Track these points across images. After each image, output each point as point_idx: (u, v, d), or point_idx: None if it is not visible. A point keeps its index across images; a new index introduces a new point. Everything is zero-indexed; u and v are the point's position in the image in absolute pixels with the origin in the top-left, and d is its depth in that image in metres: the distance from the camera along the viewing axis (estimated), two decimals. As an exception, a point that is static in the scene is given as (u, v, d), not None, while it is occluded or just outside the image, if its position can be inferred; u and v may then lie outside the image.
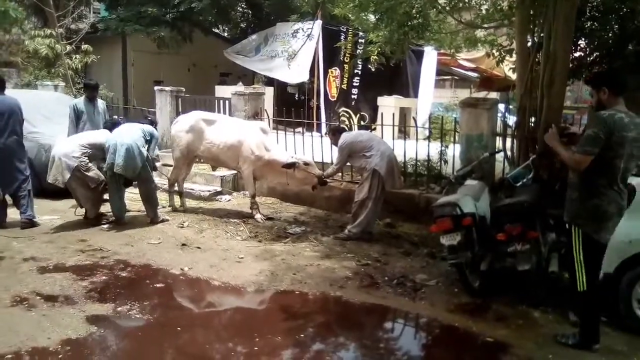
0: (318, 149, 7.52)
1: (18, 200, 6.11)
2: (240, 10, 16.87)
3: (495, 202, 4.72)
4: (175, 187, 7.13)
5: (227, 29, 17.88)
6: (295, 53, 10.25)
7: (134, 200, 7.03)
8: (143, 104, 10.55)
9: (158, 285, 4.70)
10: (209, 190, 7.86)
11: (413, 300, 4.49)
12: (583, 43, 6.43)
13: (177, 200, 7.13)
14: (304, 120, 9.53)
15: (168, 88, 9.70)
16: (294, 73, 11.82)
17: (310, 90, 13.02)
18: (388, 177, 5.88)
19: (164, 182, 7.36)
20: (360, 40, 11.79)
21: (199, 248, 5.62)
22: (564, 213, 3.71)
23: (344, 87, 12.72)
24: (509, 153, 5.80)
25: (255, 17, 16.49)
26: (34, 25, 14.00)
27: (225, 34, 17.86)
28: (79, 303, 4.18)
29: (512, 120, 6.37)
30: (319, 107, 12.36)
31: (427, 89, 13.32)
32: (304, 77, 12.22)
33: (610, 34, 6.27)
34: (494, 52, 7.36)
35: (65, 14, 13.04)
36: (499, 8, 6.89)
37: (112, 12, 15.07)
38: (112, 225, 6.28)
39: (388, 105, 11.76)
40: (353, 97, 12.91)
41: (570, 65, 5.72)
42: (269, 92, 11.59)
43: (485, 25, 7.43)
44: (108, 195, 6.37)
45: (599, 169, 3.42)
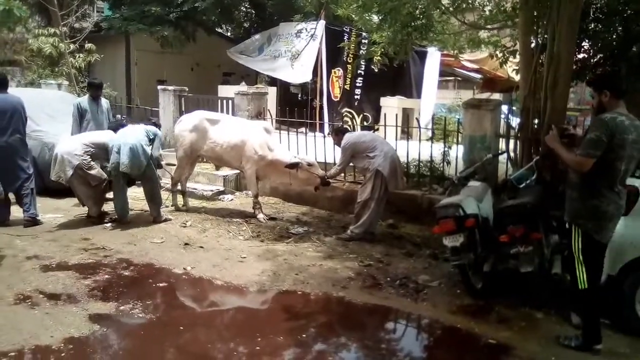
0: (321, 149, 7.53)
1: (21, 199, 6.13)
2: (244, 10, 16.90)
3: (498, 203, 4.72)
4: (178, 186, 7.14)
5: (230, 29, 17.89)
6: (299, 53, 10.26)
7: (137, 199, 7.05)
8: (146, 103, 10.56)
9: (160, 285, 4.71)
10: (212, 190, 7.86)
11: (415, 302, 4.48)
12: (587, 45, 6.42)
13: (180, 200, 7.14)
14: (307, 121, 9.54)
15: (171, 87, 9.71)
16: (297, 73, 11.83)
17: (313, 91, 13.03)
18: (391, 177, 5.88)
19: (167, 181, 7.37)
20: (364, 41, 11.81)
21: (202, 247, 5.63)
22: (565, 213, 3.74)
23: (347, 87, 12.72)
24: (512, 154, 5.79)
25: (259, 17, 16.51)
26: (38, 24, 14.02)
27: (229, 34, 17.87)
28: (82, 301, 4.19)
29: (515, 122, 6.37)
30: (322, 107, 12.37)
31: (430, 90, 13.33)
32: (307, 77, 12.22)
33: (614, 36, 6.25)
34: (498, 53, 7.36)
35: (69, 13, 13.07)
36: (503, 9, 6.88)
37: (115, 11, 15.11)
38: (115, 224, 6.29)
39: (391, 106, 11.76)
40: (356, 97, 12.92)
41: (574, 67, 5.71)
42: (272, 92, 11.59)
43: (489, 27, 7.42)
44: (112, 194, 6.39)
45: (600, 171, 3.46)
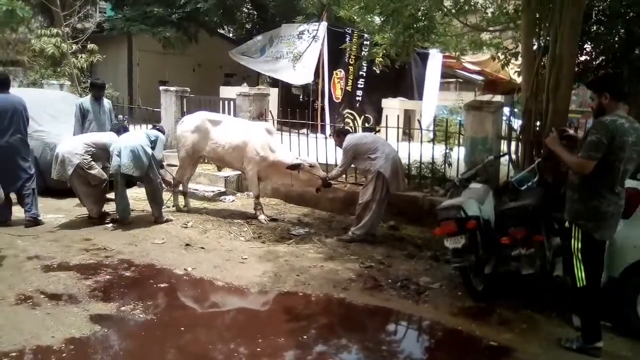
0: (322, 151, 7.52)
1: (22, 199, 6.13)
2: (246, 11, 16.93)
3: (500, 205, 4.71)
4: (180, 187, 7.14)
5: (232, 30, 17.93)
6: (300, 54, 10.27)
7: (138, 200, 7.06)
8: (148, 104, 10.59)
9: (161, 285, 4.71)
10: (213, 191, 7.86)
11: (416, 303, 4.48)
12: (589, 47, 6.41)
13: (181, 201, 7.14)
14: (309, 122, 9.55)
15: (173, 88, 9.72)
16: (299, 74, 11.84)
17: (315, 92, 13.04)
18: (392, 179, 5.88)
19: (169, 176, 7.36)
20: (366, 42, 11.83)
21: (203, 248, 5.63)
22: (564, 213, 3.78)
23: (349, 88, 12.73)
24: (514, 156, 5.79)
25: (261, 18, 16.53)
26: (41, 25, 14.07)
27: (231, 35, 17.92)
28: (83, 302, 4.20)
29: (517, 124, 6.37)
30: (324, 108, 12.37)
31: (431, 92, 13.33)
32: (309, 78, 12.23)
33: (617, 38, 6.24)
34: (500, 55, 7.35)
35: (72, 14, 13.11)
36: (505, 11, 6.89)
37: (118, 11, 15.16)
38: (116, 225, 6.29)
39: (393, 108, 11.76)
40: (358, 99, 12.93)
41: (576, 69, 5.71)
42: (274, 93, 11.61)
43: (491, 29, 7.43)
44: (113, 195, 6.40)
45: (600, 173, 3.51)
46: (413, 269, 5.24)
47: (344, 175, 6.94)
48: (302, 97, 13.98)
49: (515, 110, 8.24)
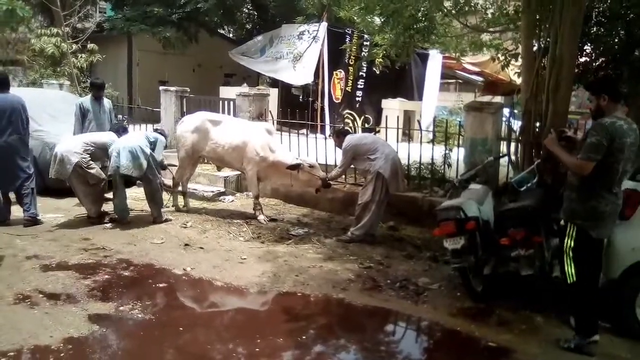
0: (322, 151, 7.52)
1: (21, 198, 6.12)
2: (246, 12, 16.94)
3: (499, 206, 4.71)
4: (179, 187, 7.14)
5: (232, 30, 17.94)
6: (301, 55, 10.27)
7: (137, 200, 7.05)
8: (148, 104, 10.58)
9: (160, 285, 4.71)
10: (213, 191, 7.86)
11: (415, 304, 4.47)
12: (589, 48, 6.41)
13: (180, 201, 7.13)
14: (308, 122, 9.55)
15: (173, 88, 9.72)
16: (299, 75, 11.84)
17: (315, 92, 13.04)
18: (392, 180, 5.87)
19: (168, 181, 7.35)
20: (366, 43, 11.83)
21: (202, 248, 5.62)
22: (561, 212, 3.81)
23: (349, 89, 12.73)
24: (514, 157, 5.79)
25: (261, 18, 16.54)
26: (41, 24, 14.08)
27: (231, 35, 17.92)
28: (82, 301, 4.19)
29: (516, 125, 6.37)
30: (323, 109, 12.37)
31: (431, 92, 13.33)
32: (309, 79, 12.23)
33: (617, 40, 6.24)
34: (499, 56, 7.35)
35: (72, 13, 13.11)
36: (505, 12, 6.89)
37: (118, 11, 15.16)
38: (115, 224, 6.28)
39: (392, 108, 11.75)
40: (357, 99, 12.93)
41: (576, 71, 5.71)
42: (274, 93, 11.61)
43: (491, 29, 7.43)
44: (112, 194, 6.39)
45: (600, 174, 3.55)
46: (412, 270, 5.23)
47: (344, 176, 6.94)
48: (301, 97, 13.97)
49: (515, 112, 8.24)
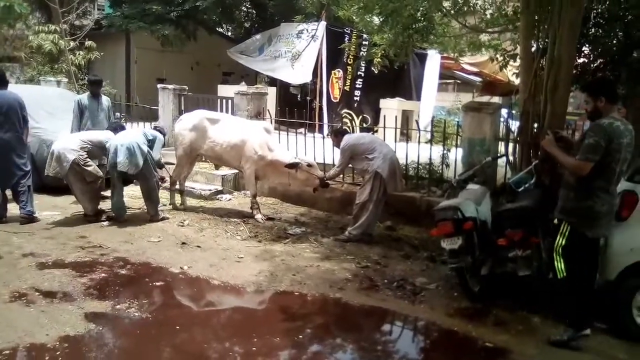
0: (320, 150, 7.51)
1: (17, 196, 6.10)
2: (245, 10, 16.92)
3: (497, 207, 4.72)
4: (177, 185, 7.12)
5: (231, 29, 17.91)
6: (299, 54, 10.26)
7: (135, 198, 7.03)
8: (146, 102, 10.55)
9: (157, 284, 4.69)
10: (210, 189, 7.85)
11: (412, 304, 4.47)
12: (587, 49, 6.42)
13: (177, 199, 7.12)
14: (306, 121, 9.53)
15: (171, 86, 9.69)
16: (297, 74, 11.83)
17: (313, 91, 13.03)
18: (390, 179, 5.87)
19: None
20: (364, 43, 11.81)
21: (199, 247, 5.61)
22: (556, 210, 3.84)
23: (347, 88, 12.73)
24: (512, 158, 5.79)
25: (260, 17, 16.53)
26: (38, 21, 14.03)
27: (229, 34, 17.89)
28: (78, 300, 4.17)
29: (514, 125, 6.36)
30: (322, 108, 12.37)
31: (429, 92, 13.34)
32: (307, 78, 12.22)
33: (615, 41, 6.26)
34: (498, 56, 7.35)
35: (70, 10, 13.06)
36: (504, 13, 6.90)
37: (116, 9, 15.11)
38: (112, 223, 6.26)
39: (390, 108, 11.76)
40: (355, 99, 12.92)
41: (574, 71, 5.71)
42: (272, 92, 11.59)
43: (490, 30, 7.43)
44: (110, 192, 6.37)
45: (597, 174, 3.59)
46: (409, 270, 5.23)
47: (342, 175, 6.94)
48: (300, 96, 13.97)
49: (513, 112, 8.23)
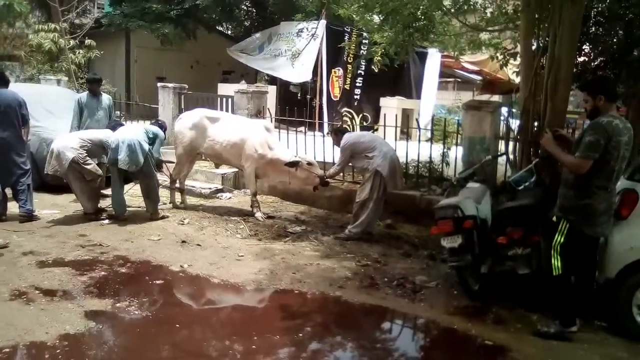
0: (320, 149, 7.51)
1: (17, 194, 6.10)
2: (245, 9, 16.88)
3: (497, 205, 4.71)
4: (177, 183, 7.12)
5: (231, 27, 17.89)
6: (299, 52, 10.24)
7: (135, 196, 7.03)
8: (145, 100, 10.54)
9: (157, 282, 4.70)
10: (210, 188, 7.85)
11: (412, 302, 4.47)
12: (587, 48, 6.42)
13: (178, 197, 7.12)
14: (306, 120, 9.53)
15: (171, 85, 9.68)
16: (297, 72, 11.82)
17: (313, 90, 13.02)
18: (390, 178, 5.87)
19: (165, 178, 7.34)
20: (364, 41, 11.80)
21: (199, 245, 5.61)
22: (555, 208, 3.87)
23: (347, 87, 12.71)
24: (512, 156, 5.79)
25: (260, 15, 16.50)
26: (38, 20, 14.04)
27: (229, 32, 17.87)
28: (78, 298, 4.18)
29: (515, 124, 6.37)
30: (322, 106, 12.35)
31: (430, 91, 13.34)
32: (307, 76, 12.21)
33: (615, 40, 6.25)
34: (498, 55, 7.35)
35: (70, 9, 13.06)
36: (504, 11, 6.88)
37: (116, 7, 15.08)
38: (112, 221, 6.26)
39: (391, 107, 11.75)
40: (356, 97, 12.91)
41: (575, 70, 5.71)
42: (272, 90, 11.58)
43: (490, 29, 7.42)
44: (110, 191, 6.37)
45: (596, 172, 3.63)
46: (409, 268, 5.23)
47: (342, 174, 6.94)
48: (300, 95, 13.96)
49: (514, 111, 8.25)
